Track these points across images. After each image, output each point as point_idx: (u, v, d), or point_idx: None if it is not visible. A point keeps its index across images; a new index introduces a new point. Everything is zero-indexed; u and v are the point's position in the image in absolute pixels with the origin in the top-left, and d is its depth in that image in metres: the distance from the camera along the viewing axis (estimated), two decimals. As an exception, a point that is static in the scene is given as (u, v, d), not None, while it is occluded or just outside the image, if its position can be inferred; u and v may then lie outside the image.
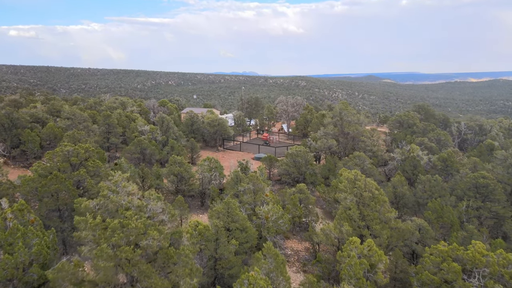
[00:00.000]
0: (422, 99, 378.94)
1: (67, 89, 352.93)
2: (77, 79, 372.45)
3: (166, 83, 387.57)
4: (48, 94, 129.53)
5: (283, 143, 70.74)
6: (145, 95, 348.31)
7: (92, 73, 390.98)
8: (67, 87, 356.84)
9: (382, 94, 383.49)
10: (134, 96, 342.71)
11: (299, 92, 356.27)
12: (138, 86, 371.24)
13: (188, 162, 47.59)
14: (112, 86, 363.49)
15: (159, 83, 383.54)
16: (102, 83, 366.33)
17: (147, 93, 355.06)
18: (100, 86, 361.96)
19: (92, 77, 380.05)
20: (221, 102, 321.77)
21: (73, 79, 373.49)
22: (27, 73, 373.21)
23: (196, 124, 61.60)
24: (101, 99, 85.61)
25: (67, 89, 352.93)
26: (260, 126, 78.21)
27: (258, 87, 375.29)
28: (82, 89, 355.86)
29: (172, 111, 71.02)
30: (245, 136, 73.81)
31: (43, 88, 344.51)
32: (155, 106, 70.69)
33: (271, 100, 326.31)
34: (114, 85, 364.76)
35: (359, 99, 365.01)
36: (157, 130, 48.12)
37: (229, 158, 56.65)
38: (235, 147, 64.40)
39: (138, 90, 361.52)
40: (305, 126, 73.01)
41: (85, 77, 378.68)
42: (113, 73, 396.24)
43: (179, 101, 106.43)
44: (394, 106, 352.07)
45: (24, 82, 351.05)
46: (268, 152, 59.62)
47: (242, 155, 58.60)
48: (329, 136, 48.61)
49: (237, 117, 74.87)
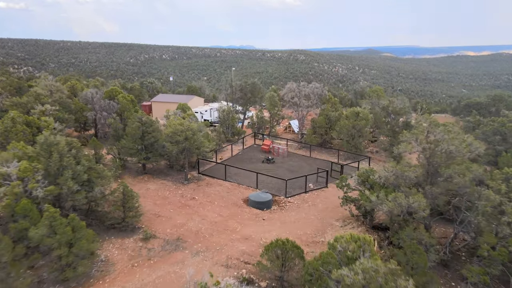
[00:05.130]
0: (425, 74, 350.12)
1: (56, 63, 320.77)
2: (67, 53, 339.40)
3: (160, 57, 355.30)
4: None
5: (294, 157, 43.52)
6: (137, 70, 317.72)
7: (83, 47, 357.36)
8: (56, 61, 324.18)
9: (383, 69, 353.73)
10: (126, 71, 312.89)
11: (298, 67, 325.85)
12: (130, 61, 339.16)
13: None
14: (103, 60, 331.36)
15: (152, 57, 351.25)
16: (93, 57, 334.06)
17: (140, 68, 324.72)
18: (91, 60, 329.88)
19: (82, 51, 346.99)
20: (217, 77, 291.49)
21: (63, 53, 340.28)
22: (15, 46, 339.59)
23: (152, 135, 34.14)
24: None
25: (56, 63, 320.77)
26: (258, 126, 50.60)
27: (256, 61, 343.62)
28: (72, 64, 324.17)
29: (126, 107, 43.07)
30: (236, 144, 46.32)
31: (31, 62, 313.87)
32: (94, 98, 42.77)
33: (268, 75, 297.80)
34: (106, 59, 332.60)
35: (360, 73, 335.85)
36: (38, 172, 20.89)
37: (198, 213, 29.33)
38: (217, 171, 37.06)
39: (130, 65, 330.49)
40: (326, 130, 45.53)
41: (76, 51, 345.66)
42: (105, 47, 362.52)
43: (153, 84, 78.07)
44: (396, 81, 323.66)
45: (12, 56, 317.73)
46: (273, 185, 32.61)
47: (226, 196, 31.49)
48: (405, 180, 21.55)
49: (225, 114, 47.01)
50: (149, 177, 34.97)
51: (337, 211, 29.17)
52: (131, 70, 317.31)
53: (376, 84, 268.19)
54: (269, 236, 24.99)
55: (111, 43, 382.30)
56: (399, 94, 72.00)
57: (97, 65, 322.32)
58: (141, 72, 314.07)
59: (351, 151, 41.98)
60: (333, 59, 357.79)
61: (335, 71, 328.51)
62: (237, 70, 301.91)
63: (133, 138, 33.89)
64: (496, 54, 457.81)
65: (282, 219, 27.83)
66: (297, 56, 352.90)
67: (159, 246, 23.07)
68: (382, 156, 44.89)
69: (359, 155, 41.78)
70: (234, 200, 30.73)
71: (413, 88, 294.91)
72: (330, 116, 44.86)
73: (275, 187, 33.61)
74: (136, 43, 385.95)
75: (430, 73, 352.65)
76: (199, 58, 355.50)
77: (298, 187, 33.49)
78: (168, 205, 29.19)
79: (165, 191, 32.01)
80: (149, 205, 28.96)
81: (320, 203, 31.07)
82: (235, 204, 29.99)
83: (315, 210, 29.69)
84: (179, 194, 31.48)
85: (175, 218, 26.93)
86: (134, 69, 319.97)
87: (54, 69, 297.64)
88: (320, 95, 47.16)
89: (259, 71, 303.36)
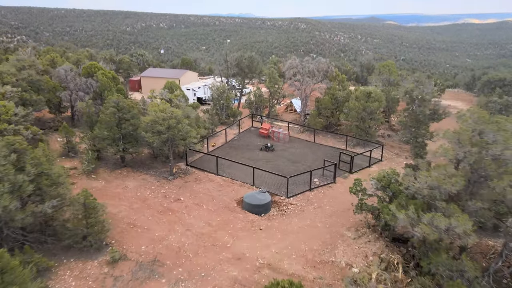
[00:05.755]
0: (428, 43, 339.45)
1: (51, 32, 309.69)
2: (62, 21, 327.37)
3: (157, 25, 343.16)
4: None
5: (297, 142, 38.28)
6: (134, 39, 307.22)
7: (78, 15, 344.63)
8: (50, 30, 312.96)
9: (386, 37, 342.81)
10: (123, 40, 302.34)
11: (299, 36, 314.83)
12: (127, 29, 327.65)
13: None
14: (99, 29, 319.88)
15: (149, 25, 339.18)
16: (88, 26, 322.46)
17: (137, 37, 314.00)
18: (86, 29, 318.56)
19: (77, 19, 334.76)
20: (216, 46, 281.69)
21: (57, 21, 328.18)
22: (8, 15, 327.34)
23: (131, 122, 28.85)
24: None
25: (51, 32, 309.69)
26: (256, 106, 44.99)
27: (255, 30, 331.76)
28: (67, 32, 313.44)
29: (106, 86, 37.33)
30: (231, 127, 40.94)
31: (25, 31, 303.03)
32: (68, 76, 37.02)
33: (268, 45, 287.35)
34: (101, 28, 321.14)
35: (362, 42, 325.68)
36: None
37: (182, 221, 24.37)
38: (208, 162, 31.92)
39: (127, 34, 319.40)
40: (333, 111, 40.07)
41: (70, 19, 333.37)
42: (100, 15, 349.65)
43: (144, 56, 71.63)
44: (399, 50, 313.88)
45: (5, 25, 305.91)
46: (273, 180, 27.49)
47: (217, 197, 26.46)
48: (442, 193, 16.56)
49: (219, 93, 41.34)
50: (129, 171, 29.90)
51: (348, 215, 24.31)
52: (128, 39, 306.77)
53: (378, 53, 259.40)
54: (267, 254, 20.22)
55: (107, 10, 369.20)
56: (417, 71, 65.55)
57: (93, 34, 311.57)
58: (138, 41, 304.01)
59: (360, 137, 36.75)
60: (335, 28, 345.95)
61: (336, 40, 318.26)
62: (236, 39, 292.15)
63: (108, 126, 28.58)
64: (502, 22, 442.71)
65: (283, 228, 22.97)
66: (298, 25, 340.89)
67: (129, 272, 18.27)
68: (395, 141, 39.67)
69: (370, 142, 36.61)
70: (226, 202, 25.78)
71: (416, 57, 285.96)
72: (337, 96, 39.29)
73: (274, 183, 28.62)
74: (133, 11, 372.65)
75: (434, 42, 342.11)
76: (198, 27, 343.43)
77: (302, 182, 28.47)
78: (147, 209, 24.27)
79: (145, 189, 27.01)
80: (124, 209, 24.04)
81: (327, 205, 26.16)
82: (227, 208, 25.07)
83: (322, 214, 24.80)
84: (161, 194, 26.51)
85: (153, 229, 22.06)
86: (131, 38, 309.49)
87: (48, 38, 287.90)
88: (326, 71, 41.36)
89: (259, 40, 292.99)
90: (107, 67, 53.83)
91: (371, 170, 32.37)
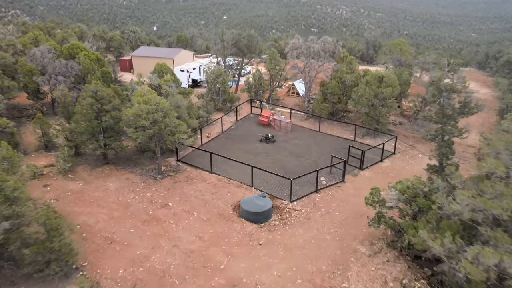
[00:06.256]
0: (433, 17, 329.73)
1: (45, 6, 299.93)
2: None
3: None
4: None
5: (300, 132, 34.56)
6: (131, 13, 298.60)
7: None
8: (45, 3, 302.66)
9: (389, 11, 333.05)
10: (119, 15, 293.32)
11: (300, 9, 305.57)
12: (123, 3, 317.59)
13: None
14: (95, 3, 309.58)
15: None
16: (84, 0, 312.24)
17: (134, 11, 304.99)
18: (82, 3, 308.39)
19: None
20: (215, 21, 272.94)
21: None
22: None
23: (112, 114, 25.09)
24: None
25: (45, 6, 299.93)
26: (256, 89, 40.93)
27: (255, 4, 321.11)
28: (62, 6, 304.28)
29: (89, 69, 33.30)
30: (228, 114, 37.07)
31: (19, 5, 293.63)
32: (45, 58, 32.90)
33: (269, 19, 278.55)
34: (97, 2, 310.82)
35: (365, 16, 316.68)
36: None
37: (168, 234, 20.92)
38: (202, 157, 28.27)
39: (123, 8, 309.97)
40: (340, 97, 36.14)
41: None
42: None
43: (136, 33, 66.79)
44: (403, 25, 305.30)
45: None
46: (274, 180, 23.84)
47: (210, 201, 22.90)
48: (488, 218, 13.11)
49: (214, 76, 37.25)
50: (111, 169, 26.35)
51: (360, 224, 20.93)
52: (125, 13, 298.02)
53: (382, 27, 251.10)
54: (267, 278, 16.94)
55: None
56: (438, 53, 60.49)
57: (89, 8, 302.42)
58: (135, 15, 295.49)
59: (371, 127, 33.00)
60: (337, 1, 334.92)
61: (338, 14, 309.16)
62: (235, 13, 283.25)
63: (85, 118, 24.85)
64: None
65: (285, 243, 19.61)
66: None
67: (100, 308, 15.04)
68: (408, 130, 35.94)
69: (381, 132, 32.91)
70: (220, 208, 22.33)
71: (420, 32, 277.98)
72: (344, 79, 35.28)
73: (276, 183, 25.11)
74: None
75: (439, 16, 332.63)
76: (196, 1, 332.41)
77: (307, 182, 24.90)
78: (129, 219, 20.86)
79: (129, 192, 23.53)
80: (102, 219, 20.64)
81: (336, 210, 22.73)
82: (222, 216, 21.64)
83: (331, 223, 21.40)
84: (147, 198, 23.04)
85: (135, 246, 18.71)
86: (128, 13, 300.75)
87: (43, 12, 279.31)
88: (332, 52, 37.14)
89: (259, 14, 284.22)
90: (94, 46, 49.50)
91: (384, 166, 28.84)
